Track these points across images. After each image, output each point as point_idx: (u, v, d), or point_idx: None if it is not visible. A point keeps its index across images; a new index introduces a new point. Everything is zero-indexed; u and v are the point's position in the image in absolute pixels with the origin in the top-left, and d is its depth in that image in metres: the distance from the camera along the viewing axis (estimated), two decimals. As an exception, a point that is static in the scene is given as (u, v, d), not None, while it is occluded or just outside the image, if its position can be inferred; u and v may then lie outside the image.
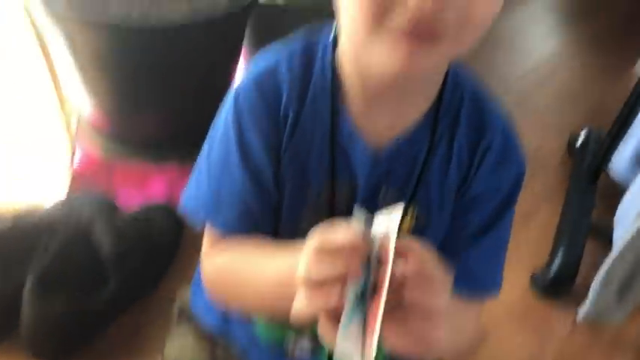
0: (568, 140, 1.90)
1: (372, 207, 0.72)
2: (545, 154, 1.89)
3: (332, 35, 0.71)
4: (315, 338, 0.80)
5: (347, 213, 0.73)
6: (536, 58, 2.34)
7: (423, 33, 0.55)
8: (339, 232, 0.53)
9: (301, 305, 0.53)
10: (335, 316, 0.53)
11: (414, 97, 0.72)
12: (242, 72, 1.58)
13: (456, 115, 0.75)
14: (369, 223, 0.55)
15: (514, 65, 2.29)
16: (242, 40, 1.53)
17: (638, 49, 1.41)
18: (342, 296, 0.52)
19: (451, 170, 0.75)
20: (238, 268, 0.75)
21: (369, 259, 0.53)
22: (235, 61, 1.55)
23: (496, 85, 2.12)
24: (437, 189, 0.75)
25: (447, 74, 0.72)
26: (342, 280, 0.52)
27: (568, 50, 2.42)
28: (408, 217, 0.75)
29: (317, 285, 0.52)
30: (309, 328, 0.79)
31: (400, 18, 0.55)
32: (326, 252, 0.53)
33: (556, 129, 1.97)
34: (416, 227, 0.76)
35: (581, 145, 1.82)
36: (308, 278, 0.52)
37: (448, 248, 0.76)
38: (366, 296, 0.52)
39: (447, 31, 0.56)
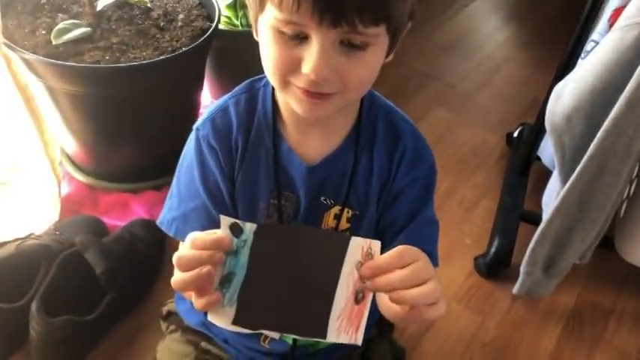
0: (506, 135, 1.99)
1: (314, 212, 0.87)
2: (488, 148, 1.99)
3: None
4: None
5: (294, 218, 0.87)
6: (477, 59, 2.44)
7: (314, 94, 0.70)
8: (208, 234, 0.67)
9: (173, 279, 0.66)
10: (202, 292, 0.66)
11: (335, 124, 0.85)
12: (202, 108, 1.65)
13: (373, 130, 0.87)
14: (233, 227, 0.67)
15: (458, 66, 2.38)
16: (204, 64, 1.59)
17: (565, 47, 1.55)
18: (199, 276, 0.64)
19: (374, 174, 0.87)
20: None
21: (237, 254, 0.67)
22: (200, 85, 1.61)
23: (443, 86, 2.26)
24: (363, 190, 0.87)
25: (363, 97, 0.84)
26: (200, 265, 0.64)
27: (506, 51, 2.52)
28: (344, 214, 0.88)
29: (182, 266, 0.65)
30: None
31: (299, 82, 0.70)
32: (192, 243, 0.66)
33: (498, 125, 2.07)
34: (353, 220, 0.88)
35: (516, 138, 1.91)
36: (177, 260, 0.65)
37: (385, 239, 0.86)
38: (232, 281, 0.67)
39: (331, 92, 0.71)
